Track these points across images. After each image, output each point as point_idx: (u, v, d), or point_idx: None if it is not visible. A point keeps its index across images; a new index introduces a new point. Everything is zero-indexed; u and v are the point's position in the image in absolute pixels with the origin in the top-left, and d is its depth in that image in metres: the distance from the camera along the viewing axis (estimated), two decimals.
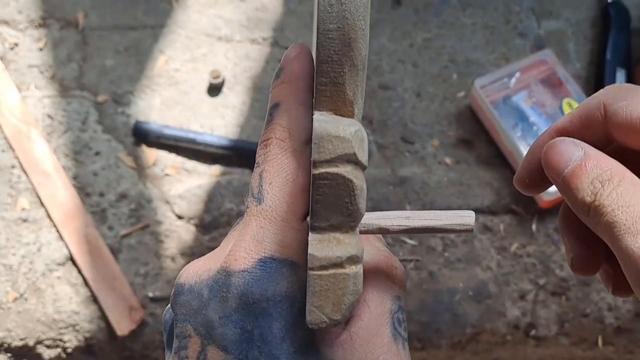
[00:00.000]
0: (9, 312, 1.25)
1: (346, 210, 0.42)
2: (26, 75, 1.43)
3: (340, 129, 0.42)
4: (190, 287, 0.46)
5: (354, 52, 0.42)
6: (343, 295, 0.42)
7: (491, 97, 1.37)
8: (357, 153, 0.41)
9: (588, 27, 1.53)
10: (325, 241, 0.42)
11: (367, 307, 0.46)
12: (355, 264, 0.42)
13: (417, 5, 1.51)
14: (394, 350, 0.45)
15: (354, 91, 0.43)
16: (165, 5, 1.51)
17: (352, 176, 0.42)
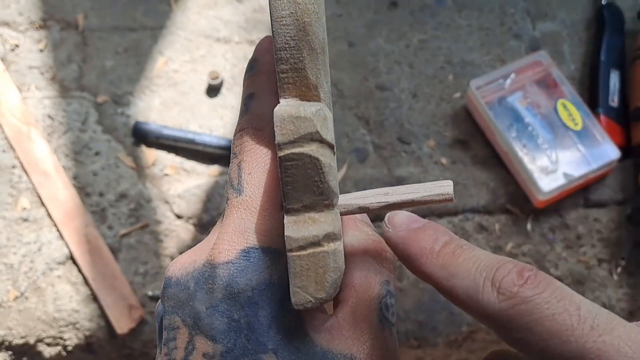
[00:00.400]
0: (10, 311, 1.25)
1: (317, 189, 0.42)
2: (27, 76, 1.43)
3: (301, 110, 0.42)
4: (177, 280, 0.46)
5: (310, 36, 0.42)
6: (325, 273, 0.42)
7: (486, 97, 1.37)
8: (321, 131, 0.41)
9: (582, 28, 1.53)
10: (301, 222, 0.42)
11: (354, 292, 0.47)
12: (333, 241, 0.42)
13: (413, 7, 1.51)
14: (380, 335, 0.45)
15: (316, 75, 0.44)
16: (164, 7, 1.51)
17: (318, 154, 0.41)
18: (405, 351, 1.34)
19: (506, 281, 0.38)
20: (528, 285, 0.37)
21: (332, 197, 0.43)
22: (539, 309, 0.37)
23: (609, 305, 1.28)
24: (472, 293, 0.39)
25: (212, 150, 1.35)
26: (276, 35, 0.42)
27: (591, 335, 0.36)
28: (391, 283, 0.49)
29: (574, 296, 0.37)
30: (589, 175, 1.30)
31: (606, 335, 0.35)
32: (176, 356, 0.44)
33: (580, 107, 1.37)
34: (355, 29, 1.49)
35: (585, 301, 0.37)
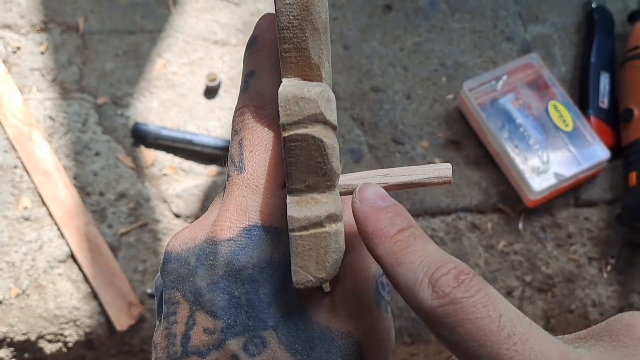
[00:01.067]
0: (12, 308, 1.25)
1: (320, 170, 0.42)
2: (28, 78, 1.42)
3: (305, 91, 0.41)
4: (177, 255, 0.46)
5: (313, 15, 0.42)
6: (326, 253, 0.42)
7: (479, 99, 1.37)
8: (325, 112, 0.41)
9: (573, 31, 1.54)
10: (303, 202, 0.42)
11: (352, 271, 0.47)
12: (335, 222, 0.42)
13: (407, 10, 1.52)
14: (376, 313, 0.46)
15: (318, 55, 0.43)
16: (163, 10, 1.51)
17: (322, 135, 0.41)
18: (399, 347, 1.34)
19: (442, 281, 0.38)
20: (460, 288, 0.38)
21: (335, 178, 0.43)
22: (464, 312, 0.37)
23: (598, 303, 1.29)
24: (411, 285, 0.39)
25: (209, 150, 1.35)
26: (279, 14, 0.42)
27: (506, 343, 0.36)
28: None
29: (501, 304, 0.38)
30: (579, 175, 1.31)
31: (519, 345, 0.36)
32: (176, 330, 0.44)
33: (570, 108, 1.38)
34: (350, 31, 1.49)
35: (511, 310, 0.38)
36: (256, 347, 0.43)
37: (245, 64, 0.49)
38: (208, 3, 1.52)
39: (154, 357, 0.46)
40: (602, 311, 1.30)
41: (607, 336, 0.40)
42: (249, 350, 0.43)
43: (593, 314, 1.30)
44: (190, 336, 0.44)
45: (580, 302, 1.30)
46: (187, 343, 0.44)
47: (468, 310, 0.37)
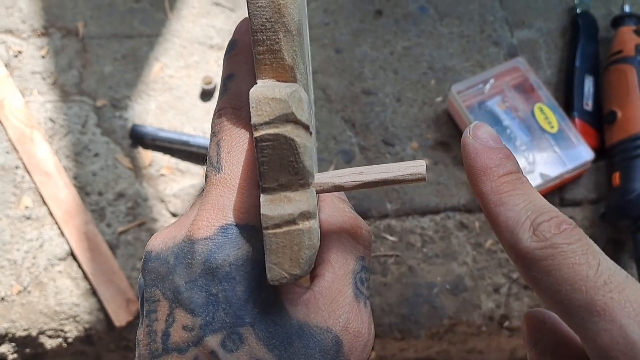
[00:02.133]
0: (13, 304, 1.25)
1: (292, 168, 0.42)
2: (29, 81, 1.42)
3: (277, 91, 0.41)
4: (157, 254, 0.46)
5: (285, 17, 0.42)
6: (299, 250, 0.42)
7: (467, 102, 1.37)
8: (296, 112, 0.41)
9: (558, 36, 1.53)
10: (276, 201, 0.42)
11: (330, 267, 0.47)
12: (308, 220, 0.42)
13: (397, 15, 1.52)
14: (355, 308, 0.46)
15: (292, 56, 0.43)
16: (160, 15, 1.50)
17: (293, 135, 0.41)
18: (390, 343, 1.34)
19: (544, 226, 0.39)
20: (562, 235, 0.38)
21: (307, 176, 0.43)
22: (563, 256, 0.38)
23: None
24: (512, 225, 0.40)
25: (206, 151, 1.29)
26: (252, 17, 0.42)
27: (602, 290, 0.37)
28: (366, 258, 0.49)
29: (600, 254, 0.38)
30: (564, 175, 1.31)
31: (615, 293, 0.36)
32: (157, 328, 0.44)
33: (556, 110, 1.38)
34: (342, 36, 1.49)
35: (609, 261, 0.38)
36: (234, 343, 0.43)
37: (225, 67, 0.50)
38: (204, 8, 1.52)
39: (137, 354, 0.46)
40: None
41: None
42: (226, 346, 0.43)
43: None
44: (170, 333, 0.44)
45: None
46: (167, 340, 0.44)
47: (567, 255, 0.38)
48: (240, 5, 1.53)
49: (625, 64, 1.40)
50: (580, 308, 0.38)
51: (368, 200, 1.33)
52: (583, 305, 0.37)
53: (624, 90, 1.38)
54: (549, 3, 1.58)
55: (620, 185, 1.28)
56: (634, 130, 1.34)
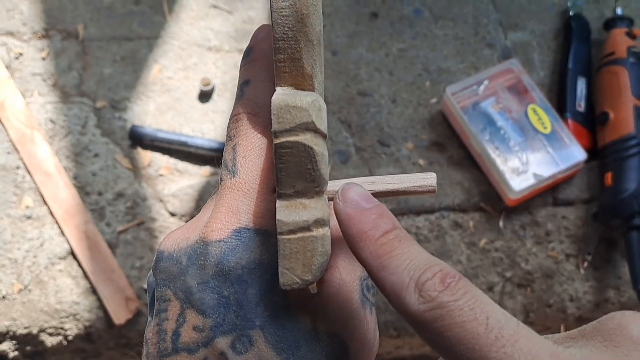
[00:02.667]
0: (14, 303, 1.25)
1: (309, 176, 0.42)
2: (30, 82, 1.42)
3: (297, 100, 0.41)
4: (170, 254, 0.46)
5: (307, 27, 0.42)
6: (312, 256, 0.42)
7: (461, 103, 1.38)
8: (315, 121, 0.41)
9: (551, 38, 1.54)
10: (292, 207, 0.42)
11: (338, 274, 0.46)
12: (322, 227, 0.42)
13: (392, 18, 1.52)
14: (361, 314, 0.45)
15: (312, 65, 0.43)
16: (159, 18, 1.50)
17: (312, 143, 0.41)
18: (385, 340, 1.34)
19: (428, 285, 0.37)
20: (447, 292, 0.37)
21: (323, 184, 0.43)
22: (451, 315, 0.36)
23: (576, 297, 1.30)
24: (397, 290, 0.38)
25: (204, 152, 1.35)
26: (275, 26, 0.42)
27: (494, 345, 0.35)
28: None
29: (488, 305, 0.37)
30: (557, 175, 1.31)
31: (508, 347, 0.35)
32: (167, 327, 0.44)
33: (549, 111, 1.38)
34: (338, 38, 1.49)
35: (498, 311, 0.36)
36: (243, 345, 0.43)
37: (241, 73, 0.49)
38: (202, 11, 1.51)
39: (145, 352, 0.46)
40: (579, 305, 1.30)
41: (598, 336, 0.38)
42: (236, 348, 0.42)
43: (570, 308, 1.30)
44: (180, 333, 0.44)
45: (558, 297, 1.30)
46: (177, 340, 0.44)
47: (455, 314, 0.36)
48: (238, 8, 1.53)
49: (617, 65, 1.41)
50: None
51: None
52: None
53: (616, 92, 1.38)
54: (542, 5, 1.58)
55: (612, 185, 1.29)
56: (625, 131, 1.34)
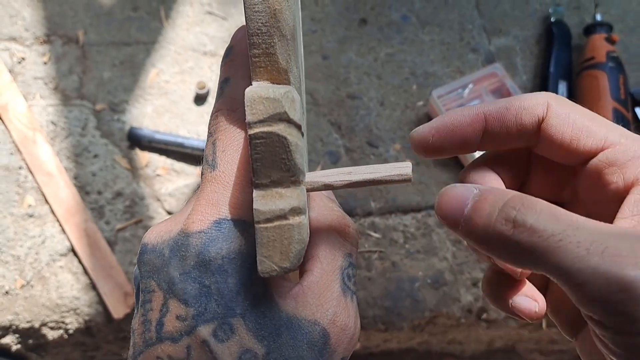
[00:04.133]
0: (17, 298, 1.25)
1: (284, 165, 0.41)
2: (32, 86, 1.43)
3: (270, 91, 0.41)
4: (153, 247, 0.46)
5: (280, 22, 0.41)
6: (289, 244, 0.41)
7: (447, 105, 1.38)
8: (288, 112, 0.41)
9: (534, 43, 1.55)
10: (269, 196, 0.42)
11: (319, 263, 0.46)
12: (298, 215, 0.42)
13: (381, 23, 1.52)
14: (342, 302, 0.45)
15: (286, 60, 0.43)
16: (156, 23, 1.52)
17: (285, 133, 0.41)
18: (374, 334, 1.34)
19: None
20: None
21: (298, 174, 0.42)
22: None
23: None
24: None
25: (199, 153, 1.34)
26: (249, 22, 0.41)
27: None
28: (353, 255, 0.48)
29: None
30: None
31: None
32: (151, 317, 0.44)
33: None
34: (329, 43, 1.49)
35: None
36: (225, 333, 0.42)
37: (221, 72, 0.49)
38: (198, 17, 1.51)
39: (132, 342, 0.45)
40: None
41: None
42: (218, 336, 0.42)
43: None
44: (164, 323, 0.43)
45: None
46: (161, 329, 0.43)
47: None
48: (232, 14, 1.53)
49: (597, 69, 1.41)
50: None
51: (353, 199, 1.34)
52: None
53: (595, 95, 1.39)
54: (524, 12, 1.59)
55: None
56: None
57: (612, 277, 0.35)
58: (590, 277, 0.35)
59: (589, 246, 0.36)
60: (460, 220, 0.41)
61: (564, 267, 0.36)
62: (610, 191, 0.43)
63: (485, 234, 0.40)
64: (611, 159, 0.43)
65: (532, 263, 0.38)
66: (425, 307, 1.30)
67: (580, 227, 0.37)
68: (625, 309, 0.35)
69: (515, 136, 0.46)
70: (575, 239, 0.36)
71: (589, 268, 0.36)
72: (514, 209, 0.38)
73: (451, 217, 0.42)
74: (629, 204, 0.41)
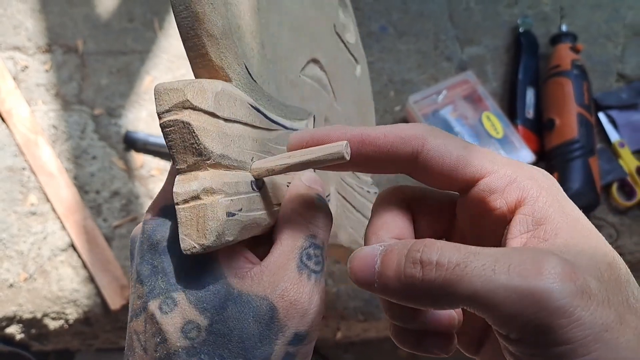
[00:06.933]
0: (21, 290, 1.25)
1: (195, 150, 0.41)
2: (34, 92, 1.43)
3: (175, 84, 0.41)
4: (133, 238, 0.48)
5: (206, 24, 0.41)
6: (204, 222, 0.41)
7: (422, 110, 1.40)
8: (192, 100, 0.40)
9: (503, 52, 1.56)
10: (186, 180, 0.42)
11: (279, 245, 0.47)
12: (211, 195, 0.41)
13: (361, 34, 1.34)
14: (296, 279, 0.45)
15: (220, 57, 0.43)
16: (150, 34, 1.52)
17: (189, 119, 0.40)
18: (354, 324, 1.35)
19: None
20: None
21: (213, 157, 0.42)
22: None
23: None
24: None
25: None
26: (180, 28, 0.42)
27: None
28: (318, 237, 0.48)
29: None
30: None
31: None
32: (130, 299, 0.46)
33: (501, 118, 1.40)
34: None
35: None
36: (168, 306, 0.43)
37: None
38: None
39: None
40: None
41: None
42: (162, 309, 0.43)
43: None
44: (133, 302, 0.45)
45: None
46: (131, 308, 0.45)
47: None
48: None
49: (562, 77, 1.43)
50: None
51: None
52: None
53: (561, 101, 1.41)
54: (495, 23, 1.60)
55: None
56: (570, 135, 1.37)
57: (522, 291, 0.35)
58: (502, 296, 0.35)
59: (493, 266, 0.36)
60: (374, 279, 0.41)
61: (476, 292, 0.36)
62: (495, 216, 0.43)
63: (398, 283, 0.39)
64: (492, 186, 0.43)
65: (449, 299, 0.38)
66: None
67: (480, 252, 0.37)
68: (541, 321, 0.35)
69: (389, 163, 0.45)
70: (479, 262, 0.36)
71: (500, 287, 0.35)
72: (418, 252, 0.38)
73: (364, 278, 0.41)
74: (515, 224, 0.42)
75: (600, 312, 0.35)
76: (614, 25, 1.61)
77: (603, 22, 1.62)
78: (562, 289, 0.35)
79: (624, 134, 1.45)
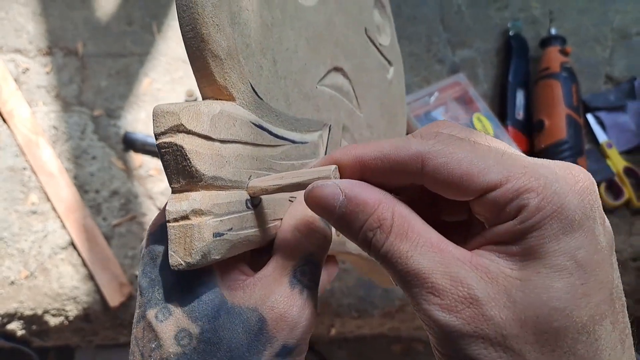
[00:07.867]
0: (22, 288, 1.25)
1: (187, 172, 0.41)
2: (35, 94, 1.43)
3: (172, 106, 0.41)
4: (141, 250, 0.49)
5: (211, 45, 0.41)
6: (191, 241, 0.41)
7: (415, 112, 1.41)
8: (186, 123, 0.41)
9: (494, 55, 1.57)
10: (179, 199, 0.42)
11: (274, 261, 0.47)
12: (200, 216, 0.42)
13: None
14: (288, 293, 0.46)
15: (224, 77, 0.43)
16: (149, 37, 1.52)
17: (183, 142, 0.41)
18: (348, 321, 1.36)
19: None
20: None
21: (205, 179, 0.42)
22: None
23: None
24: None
25: None
26: (187, 48, 0.42)
27: None
28: (316, 254, 0.48)
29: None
30: None
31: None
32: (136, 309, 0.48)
33: (492, 119, 1.42)
34: None
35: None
36: (163, 315, 0.45)
37: None
38: None
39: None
40: None
41: None
42: (158, 317, 0.45)
43: None
44: (135, 311, 0.47)
45: None
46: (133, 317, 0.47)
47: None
48: None
49: (551, 79, 1.44)
50: None
51: None
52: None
53: (550, 102, 1.42)
54: (486, 26, 1.61)
55: None
56: (559, 136, 1.38)
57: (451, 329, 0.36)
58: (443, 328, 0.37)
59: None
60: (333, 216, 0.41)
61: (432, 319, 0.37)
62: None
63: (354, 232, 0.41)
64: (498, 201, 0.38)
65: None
66: (395, 297, 1.32)
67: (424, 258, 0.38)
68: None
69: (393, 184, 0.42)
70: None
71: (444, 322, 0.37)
72: (372, 232, 0.40)
73: (323, 213, 0.42)
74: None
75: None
76: (602, 29, 1.62)
77: (591, 26, 1.63)
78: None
79: (612, 135, 1.46)
